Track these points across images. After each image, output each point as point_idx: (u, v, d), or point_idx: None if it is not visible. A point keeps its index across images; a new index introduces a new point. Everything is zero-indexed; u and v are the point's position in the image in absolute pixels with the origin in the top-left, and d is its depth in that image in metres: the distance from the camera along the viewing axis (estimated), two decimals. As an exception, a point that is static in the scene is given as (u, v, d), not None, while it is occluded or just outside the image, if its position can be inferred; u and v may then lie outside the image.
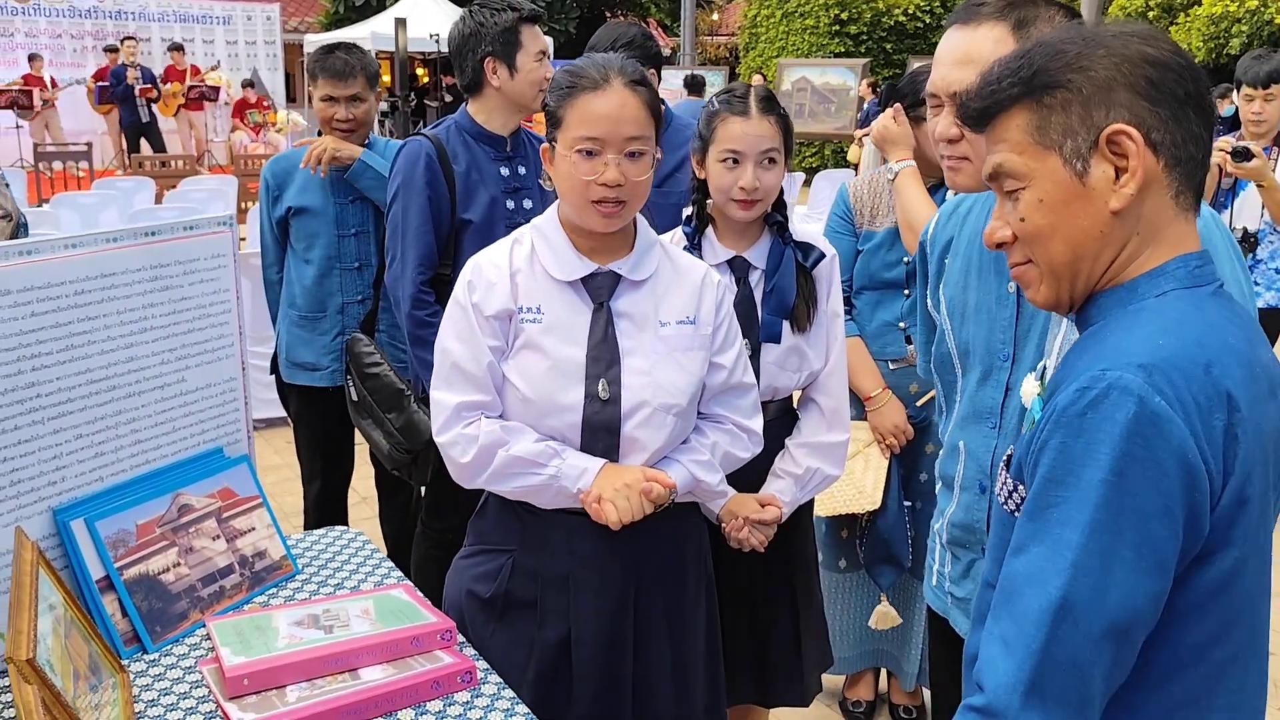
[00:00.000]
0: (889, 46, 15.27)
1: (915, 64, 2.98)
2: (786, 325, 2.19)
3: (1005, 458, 1.24)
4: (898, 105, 2.81)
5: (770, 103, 2.16)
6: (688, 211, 2.26)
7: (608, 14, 22.32)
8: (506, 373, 1.80)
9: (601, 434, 1.78)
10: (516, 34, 2.76)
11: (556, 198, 3.04)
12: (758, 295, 2.20)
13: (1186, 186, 1.14)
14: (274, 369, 3.34)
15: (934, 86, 1.65)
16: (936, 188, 2.74)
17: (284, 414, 5.53)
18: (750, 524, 2.15)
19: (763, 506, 2.17)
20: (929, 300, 1.87)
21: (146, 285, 1.84)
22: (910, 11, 15.14)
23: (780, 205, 2.22)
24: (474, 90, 2.83)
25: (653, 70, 3.07)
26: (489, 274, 1.81)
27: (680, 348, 1.82)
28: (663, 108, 3.36)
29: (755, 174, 2.11)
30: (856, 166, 13.59)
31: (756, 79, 15.04)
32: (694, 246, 2.20)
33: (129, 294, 1.81)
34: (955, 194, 1.90)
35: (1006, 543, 1.18)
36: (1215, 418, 1.05)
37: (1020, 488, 1.16)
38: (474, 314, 1.79)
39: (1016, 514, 1.16)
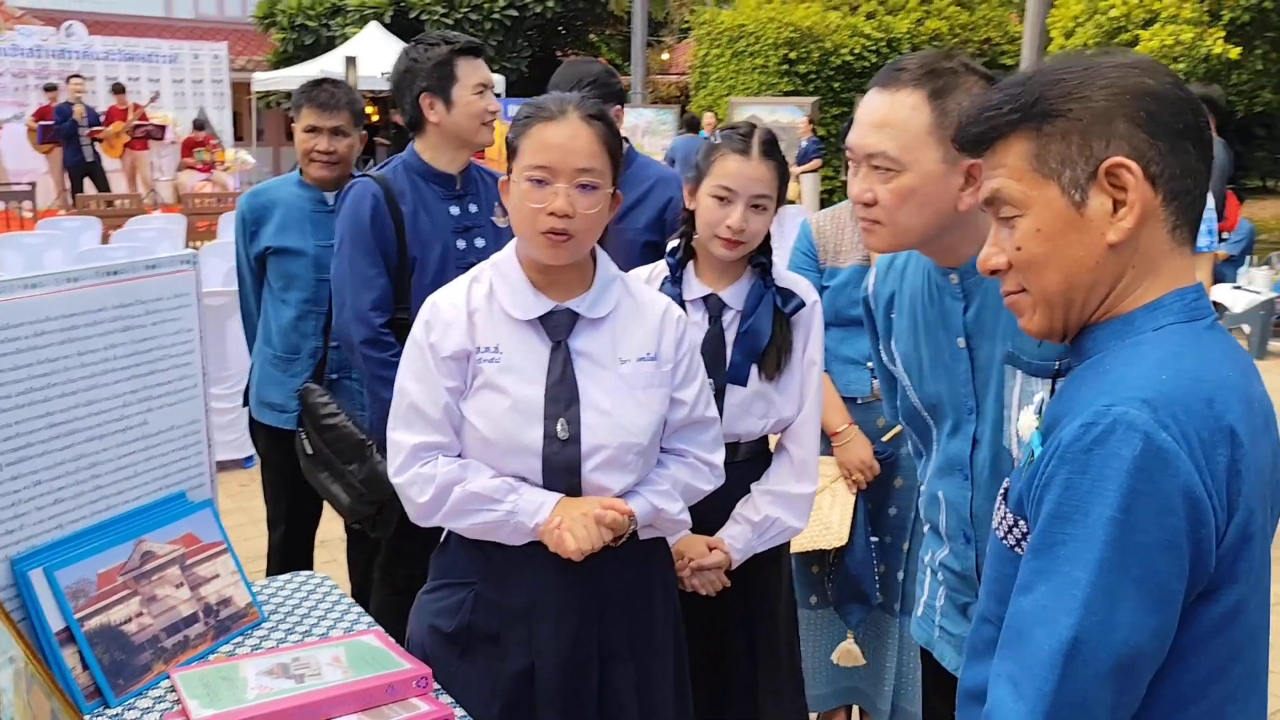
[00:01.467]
0: (837, 85, 15.53)
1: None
2: (755, 370, 2.16)
3: (1002, 491, 1.23)
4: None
5: (771, 147, 2.13)
6: (673, 244, 2.24)
7: (558, 53, 22.48)
8: (465, 413, 1.78)
9: (562, 474, 1.76)
10: (451, 67, 2.73)
11: (512, 235, 3.03)
12: (729, 335, 2.17)
13: (1183, 220, 1.15)
14: (246, 401, 3.26)
15: (851, 144, 1.64)
16: None
17: (238, 457, 5.43)
18: (694, 568, 2.11)
19: (710, 550, 2.13)
20: (883, 355, 1.87)
21: (108, 325, 1.79)
22: (857, 51, 15.42)
23: (766, 248, 2.19)
24: (416, 128, 2.79)
25: (617, 107, 3.06)
26: (446, 314, 1.80)
27: (640, 385, 1.81)
28: (625, 147, 3.35)
29: (744, 215, 2.08)
30: (792, 203, 13.74)
31: (708, 117, 15.17)
32: (675, 280, 2.18)
33: (90, 335, 1.76)
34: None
35: (1004, 577, 1.16)
36: (1219, 453, 1.04)
37: (1021, 523, 1.15)
38: (430, 354, 1.78)
39: (1017, 549, 1.16)
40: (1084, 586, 1.03)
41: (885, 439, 2.84)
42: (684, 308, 2.13)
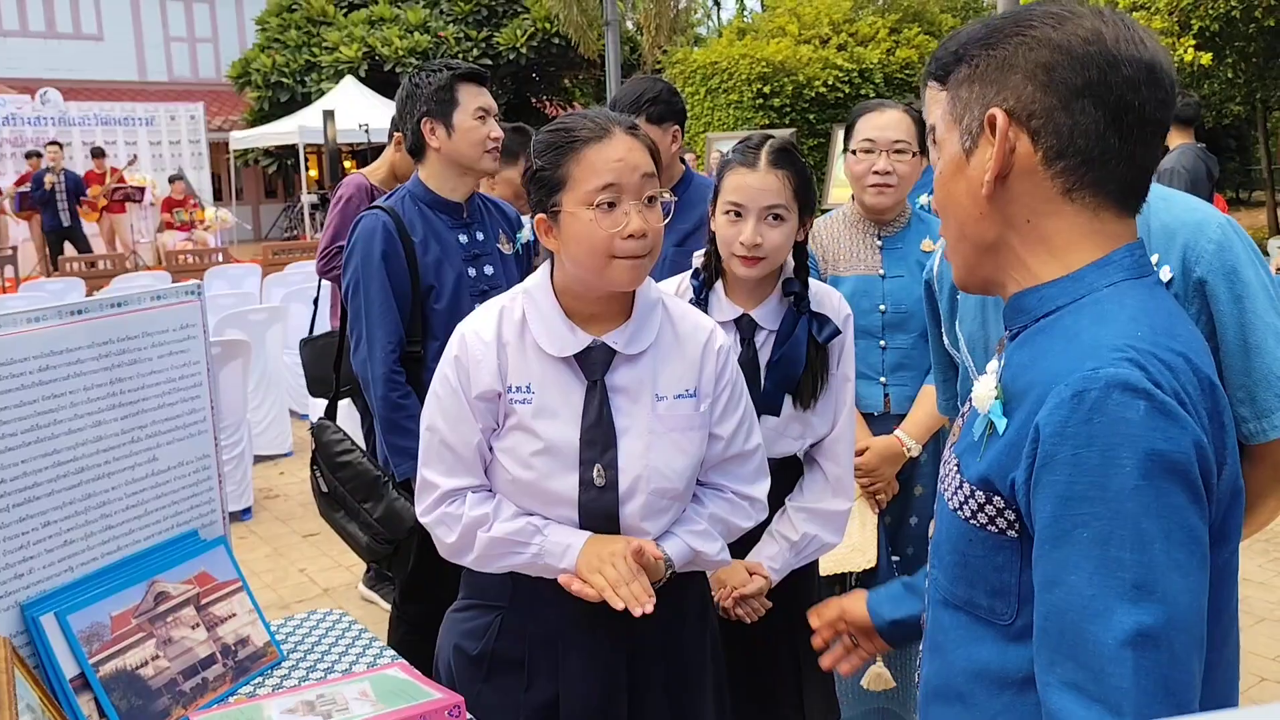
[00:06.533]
0: (812, 117, 15.60)
1: (838, 132, 3.01)
2: (789, 399, 2.09)
3: (954, 462, 1.15)
4: None
5: (783, 156, 2.04)
6: (698, 262, 2.16)
7: (533, 99, 22.62)
8: (497, 452, 1.72)
9: (600, 520, 1.69)
10: (452, 92, 2.73)
11: (517, 263, 2.97)
12: (762, 359, 2.09)
13: (1083, 183, 1.07)
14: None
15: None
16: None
17: (235, 509, 5.33)
18: (736, 598, 2.06)
19: (751, 575, 2.07)
20: (945, 338, 1.83)
21: (114, 359, 1.73)
22: (830, 83, 15.53)
23: (803, 269, 2.11)
24: (418, 154, 2.80)
25: (676, 126, 3.03)
26: (475, 350, 1.71)
27: (678, 427, 1.72)
28: (685, 167, 3.27)
29: (757, 229, 2.00)
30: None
31: (689, 156, 15.24)
32: (700, 300, 2.10)
33: (95, 369, 1.70)
34: None
35: (972, 559, 1.09)
36: (1203, 407, 0.99)
37: (996, 499, 1.06)
38: (461, 394, 1.71)
39: (990, 528, 1.07)
40: (1130, 566, 0.93)
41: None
42: None
